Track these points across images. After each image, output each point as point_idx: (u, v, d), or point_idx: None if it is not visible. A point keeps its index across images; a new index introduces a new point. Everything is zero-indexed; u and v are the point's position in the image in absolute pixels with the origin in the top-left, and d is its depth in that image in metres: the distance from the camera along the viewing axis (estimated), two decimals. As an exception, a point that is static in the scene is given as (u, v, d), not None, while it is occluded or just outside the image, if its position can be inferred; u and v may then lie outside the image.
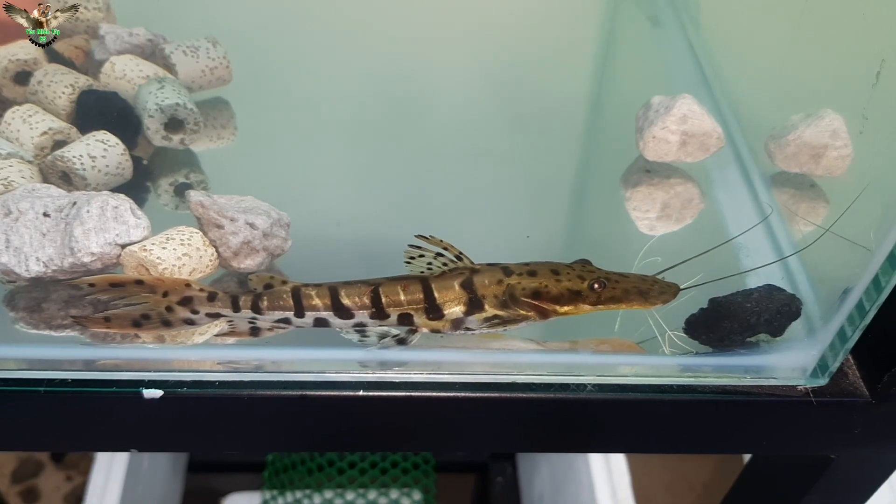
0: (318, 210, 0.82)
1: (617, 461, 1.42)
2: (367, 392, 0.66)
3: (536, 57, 1.04)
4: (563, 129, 0.96)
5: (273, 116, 0.91)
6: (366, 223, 0.81)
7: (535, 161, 0.91)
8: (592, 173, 0.91)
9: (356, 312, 0.64)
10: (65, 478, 1.86)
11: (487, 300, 0.65)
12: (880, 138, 0.69)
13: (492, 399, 0.67)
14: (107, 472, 1.43)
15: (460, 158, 0.91)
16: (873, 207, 0.67)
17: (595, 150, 0.94)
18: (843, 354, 0.66)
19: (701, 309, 0.67)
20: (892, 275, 0.59)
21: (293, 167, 0.88)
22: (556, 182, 0.89)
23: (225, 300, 0.64)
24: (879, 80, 0.63)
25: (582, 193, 0.89)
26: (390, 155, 0.91)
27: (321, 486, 1.65)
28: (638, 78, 1.02)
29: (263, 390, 0.65)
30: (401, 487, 1.68)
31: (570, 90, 1.01)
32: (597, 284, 0.65)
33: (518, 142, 0.94)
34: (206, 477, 1.78)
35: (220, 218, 0.67)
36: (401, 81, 0.98)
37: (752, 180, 0.82)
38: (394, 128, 0.93)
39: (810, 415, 0.68)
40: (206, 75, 0.85)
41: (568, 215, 0.86)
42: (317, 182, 0.87)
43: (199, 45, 0.85)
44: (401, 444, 0.72)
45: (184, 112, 0.79)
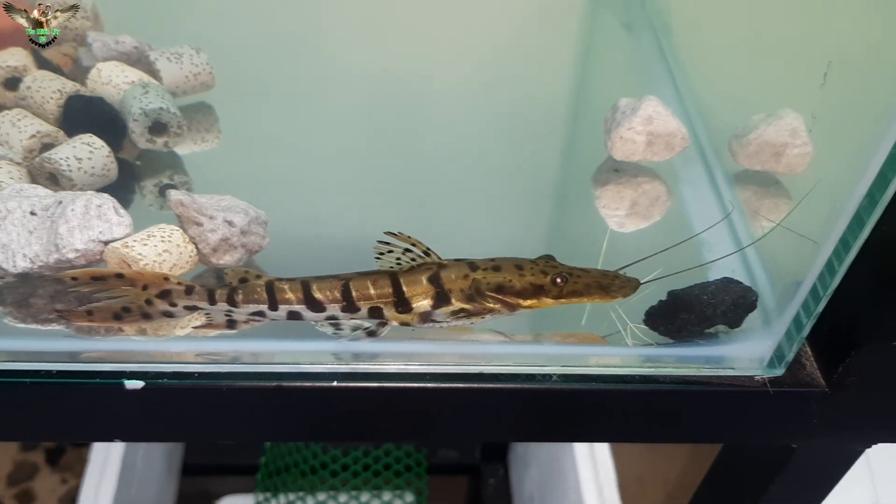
0: (297, 209, 0.84)
1: (603, 460, 1.44)
2: (341, 383, 0.68)
3: (515, 62, 1.07)
4: (538, 131, 0.99)
5: (256, 120, 0.94)
6: (344, 222, 0.84)
7: (510, 162, 0.94)
8: (565, 173, 0.94)
9: (328, 306, 0.67)
10: (60, 480, 1.87)
11: (454, 294, 0.68)
12: (827, 136, 0.72)
13: (460, 389, 0.69)
14: (100, 474, 1.44)
15: (438, 159, 0.94)
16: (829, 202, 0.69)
17: (568, 151, 0.97)
18: (798, 344, 0.68)
19: (660, 301, 0.69)
20: (844, 259, 0.61)
21: (275, 169, 0.90)
22: (530, 182, 0.92)
23: (202, 293, 0.67)
24: (826, 80, 0.66)
25: (554, 193, 0.92)
26: (371, 156, 0.93)
27: (314, 488, 1.67)
28: (611, 82, 1.05)
29: (241, 381, 0.68)
30: (393, 489, 1.70)
31: (547, 94, 1.04)
32: (559, 279, 0.67)
33: (495, 143, 0.97)
34: (200, 479, 1.80)
35: (199, 216, 0.70)
36: (382, 85, 1.01)
37: (716, 178, 0.84)
38: (374, 130, 0.96)
39: (769, 405, 0.70)
40: (190, 81, 0.88)
41: (540, 214, 0.89)
42: (298, 183, 0.89)
43: (183, 52, 0.88)
44: (374, 434, 0.75)
45: (167, 116, 0.82)
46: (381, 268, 0.68)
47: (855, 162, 0.60)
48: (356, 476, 1.70)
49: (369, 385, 0.68)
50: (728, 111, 0.89)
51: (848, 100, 0.68)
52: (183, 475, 1.77)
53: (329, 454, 1.71)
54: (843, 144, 0.69)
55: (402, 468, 1.71)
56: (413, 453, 1.73)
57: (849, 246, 0.60)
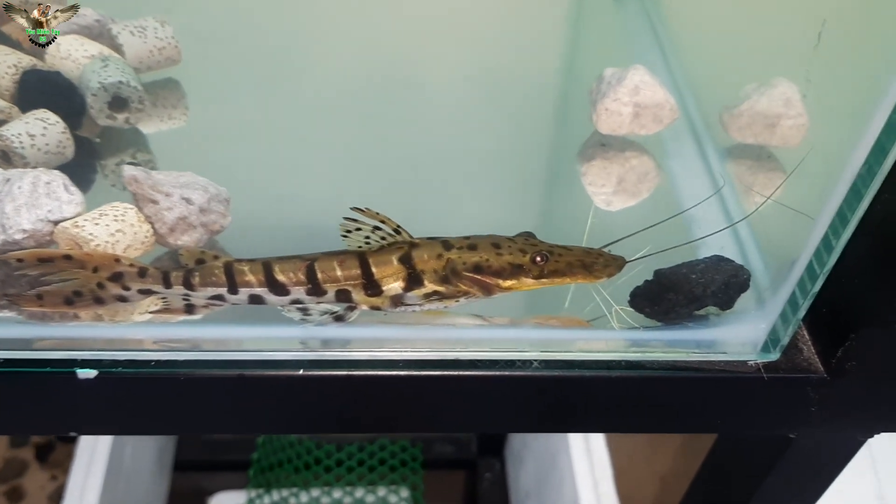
0: (266, 189, 0.80)
1: (599, 453, 1.41)
2: (308, 371, 0.64)
3: (501, 36, 1.03)
4: (525, 106, 0.94)
5: (225, 96, 0.90)
6: (316, 203, 0.80)
7: (494, 139, 0.89)
8: (552, 149, 0.90)
9: (291, 289, 0.63)
10: (49, 477, 1.86)
11: (427, 275, 0.63)
12: (824, 103, 0.67)
13: (435, 377, 0.65)
14: (86, 471, 1.42)
15: (420, 138, 0.90)
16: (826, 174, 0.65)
17: (556, 126, 0.93)
18: (794, 326, 0.64)
19: (646, 281, 0.65)
20: (841, 234, 0.57)
21: (245, 147, 0.86)
22: (515, 159, 0.88)
23: (156, 276, 0.62)
24: (821, 40, 0.61)
25: (540, 170, 0.87)
26: (346, 133, 0.89)
27: (308, 484, 1.65)
28: (600, 53, 1.00)
29: (201, 370, 0.64)
30: (388, 485, 1.68)
31: (534, 67, 0.99)
32: (539, 258, 0.63)
33: (480, 120, 0.92)
34: (192, 476, 1.78)
35: (155, 193, 0.66)
36: (360, 59, 0.96)
37: (707, 153, 0.80)
38: (351, 106, 0.91)
39: (763, 392, 0.66)
40: (155, 55, 0.84)
41: (524, 192, 0.84)
42: (269, 162, 0.85)
43: (147, 26, 0.84)
44: (342, 425, 0.71)
45: (127, 90, 0.77)
46: (348, 247, 0.64)
47: (852, 130, 0.56)
48: (350, 471, 1.67)
49: (338, 373, 0.64)
50: (719, 81, 0.84)
51: (845, 61, 0.63)
52: (175, 471, 1.75)
53: (323, 449, 1.68)
54: (841, 111, 0.65)
55: (397, 463, 1.68)
56: (408, 448, 1.71)
57: (846, 220, 0.56)
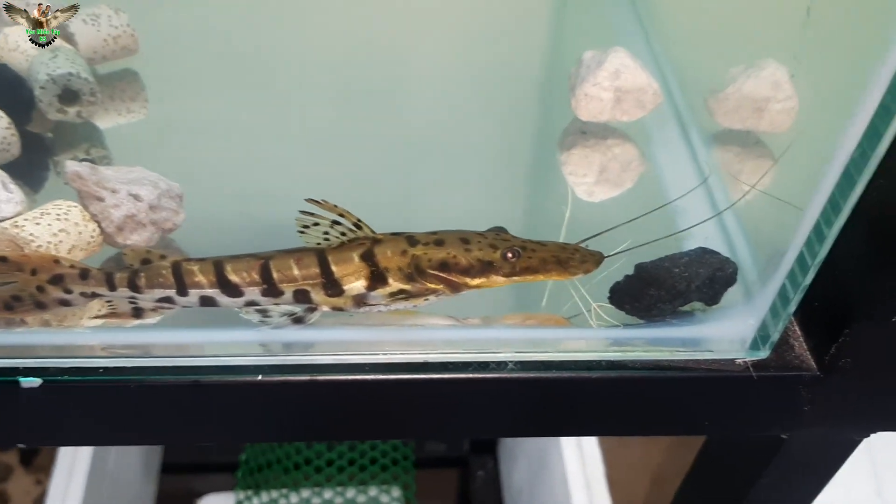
0: (227, 185, 0.76)
1: (591, 452, 1.38)
2: (268, 377, 0.60)
3: (482, 20, 0.98)
4: (506, 93, 0.90)
5: (188, 87, 0.85)
6: (279, 199, 0.75)
7: (472, 129, 0.85)
8: (532, 138, 0.85)
9: (245, 289, 0.59)
10: (34, 481, 1.83)
11: (391, 273, 0.59)
12: (813, 82, 0.63)
13: (403, 381, 0.61)
14: (68, 475, 1.38)
15: (394, 127, 0.85)
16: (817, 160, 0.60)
17: (537, 113, 0.88)
18: (785, 321, 0.60)
19: (626, 276, 0.61)
20: (834, 222, 0.53)
21: (208, 142, 0.82)
22: (493, 149, 0.83)
23: (99, 278, 0.58)
24: (810, 16, 0.57)
25: (519, 160, 0.83)
26: (315, 126, 0.85)
27: (297, 484, 1.61)
28: (582, 36, 0.95)
29: (153, 377, 0.60)
30: (380, 484, 1.64)
31: (517, 52, 0.95)
32: (510, 254, 0.59)
33: (460, 109, 0.88)
34: (181, 478, 1.74)
35: (100, 189, 0.61)
36: (331, 49, 0.92)
37: (692, 139, 0.76)
38: (320, 97, 0.87)
39: (753, 391, 0.63)
40: (110, 44, 0.80)
41: (502, 184, 0.80)
42: (233, 158, 0.81)
43: (101, 13, 0.79)
44: (305, 433, 0.67)
45: (78, 82, 0.73)
46: (306, 244, 0.59)
47: (844, 112, 0.51)
48: (341, 471, 1.63)
49: (300, 378, 0.60)
50: (704, 63, 0.80)
51: (836, 38, 0.59)
52: (163, 473, 1.71)
53: (313, 449, 1.64)
54: (832, 92, 0.60)
55: (388, 462, 1.64)
56: (400, 447, 1.67)
57: (839, 207, 0.52)
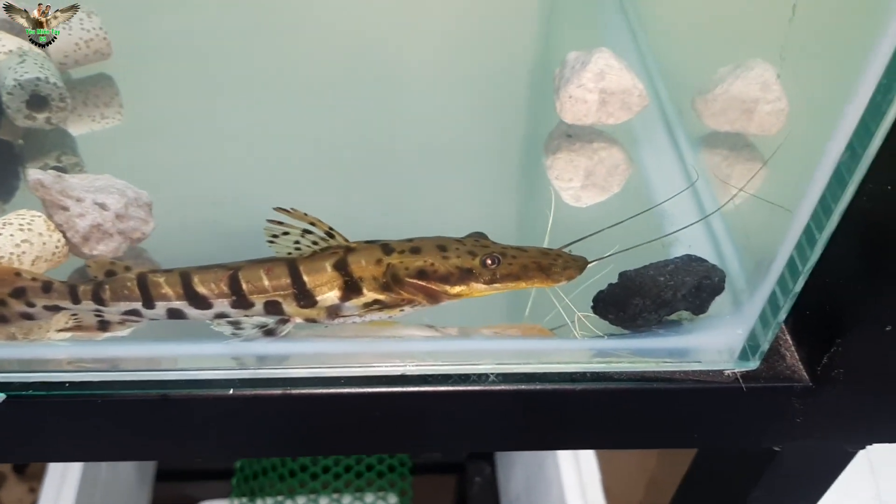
0: (202, 193, 0.74)
1: (587, 459, 1.36)
2: (239, 391, 0.58)
3: (468, 20, 0.96)
4: (491, 95, 0.87)
5: (163, 92, 0.83)
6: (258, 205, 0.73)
7: (459, 131, 0.83)
8: (517, 142, 0.83)
9: (214, 301, 0.57)
10: (27, 490, 1.81)
11: (366, 283, 0.57)
12: (801, 81, 0.61)
13: (381, 394, 0.59)
14: (59, 484, 1.37)
15: (377, 130, 0.83)
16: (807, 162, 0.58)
17: (522, 116, 0.86)
18: (775, 330, 0.58)
19: (610, 284, 0.59)
20: (825, 226, 0.51)
21: (185, 147, 0.80)
22: (478, 152, 0.81)
23: (62, 291, 0.56)
24: (796, 13, 0.55)
25: (505, 164, 0.81)
26: (297, 131, 0.82)
27: (293, 492, 1.59)
28: (568, 37, 0.93)
29: (120, 391, 0.58)
30: (376, 491, 1.62)
31: (503, 53, 0.93)
32: (489, 260, 0.57)
33: (445, 111, 0.86)
34: (175, 485, 1.72)
35: (64, 198, 0.59)
36: (313, 49, 0.90)
37: (680, 142, 0.74)
38: (302, 100, 0.85)
39: (742, 403, 0.61)
40: (82, 48, 0.78)
41: (485, 189, 0.78)
42: (211, 163, 0.79)
43: (72, 16, 0.77)
44: (279, 448, 0.65)
45: (47, 87, 0.71)
46: (276, 254, 0.57)
47: (834, 112, 0.49)
48: (337, 478, 1.61)
49: (273, 392, 0.58)
50: (691, 63, 0.78)
51: (824, 35, 0.57)
52: (157, 481, 1.69)
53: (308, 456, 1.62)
54: (821, 91, 0.58)
55: (384, 468, 1.62)
56: (396, 453, 1.65)
57: (830, 210, 0.50)
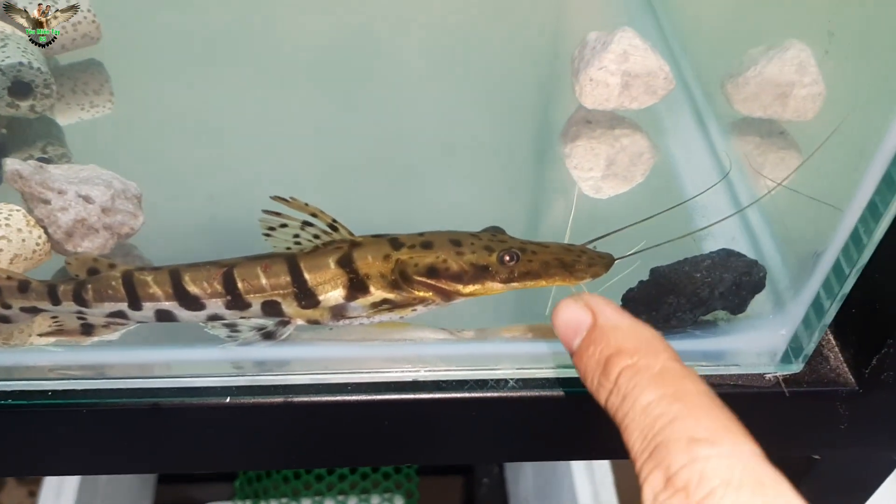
0: (201, 183, 0.69)
1: (600, 462, 1.32)
2: (237, 399, 0.54)
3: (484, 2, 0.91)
4: (506, 79, 0.82)
5: (156, 79, 0.78)
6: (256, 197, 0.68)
7: (472, 118, 0.78)
8: (535, 128, 0.78)
9: (207, 302, 0.52)
10: (27, 493, 1.79)
11: (373, 281, 0.52)
12: (846, 68, 0.56)
13: (391, 402, 0.55)
14: (58, 488, 1.35)
15: (381, 118, 0.78)
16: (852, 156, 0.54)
17: (539, 102, 0.81)
18: (820, 333, 0.54)
19: (640, 282, 0.54)
20: (874, 228, 0.47)
21: (179, 136, 0.75)
22: (493, 140, 0.76)
23: (40, 291, 0.51)
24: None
25: (521, 152, 0.76)
26: (294, 119, 0.78)
27: (297, 494, 1.57)
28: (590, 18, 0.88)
29: (107, 400, 0.54)
30: (382, 493, 1.60)
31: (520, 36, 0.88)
32: (507, 257, 0.52)
33: (456, 96, 0.81)
34: (177, 487, 1.70)
35: (45, 191, 0.55)
36: (312, 31, 0.85)
37: (709, 129, 0.69)
38: (301, 89, 0.80)
39: (784, 409, 0.57)
40: (69, 31, 0.73)
41: (502, 179, 0.73)
42: (205, 153, 0.74)
43: (58, -2, 0.72)
44: (279, 461, 0.60)
45: (30, 73, 0.66)
46: (274, 249, 0.52)
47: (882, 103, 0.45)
48: (342, 479, 1.59)
49: (273, 401, 0.55)
50: (721, 43, 0.73)
51: (874, 14, 0.52)
52: (159, 483, 1.66)
53: (314, 457, 1.58)
54: (868, 79, 0.53)
55: (391, 469, 1.59)
56: (403, 453, 1.61)
57: (878, 212, 0.47)
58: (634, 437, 0.34)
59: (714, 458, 0.32)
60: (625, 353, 0.37)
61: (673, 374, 0.36)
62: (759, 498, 0.30)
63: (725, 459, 0.32)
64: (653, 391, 0.35)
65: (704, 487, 0.31)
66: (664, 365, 0.36)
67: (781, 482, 0.32)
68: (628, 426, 0.35)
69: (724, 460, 0.32)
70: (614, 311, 0.39)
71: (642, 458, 0.34)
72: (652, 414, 0.34)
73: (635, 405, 0.35)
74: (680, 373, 0.36)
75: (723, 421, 0.34)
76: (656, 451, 0.33)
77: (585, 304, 0.39)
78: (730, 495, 0.31)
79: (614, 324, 0.38)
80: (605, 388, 0.37)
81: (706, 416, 0.34)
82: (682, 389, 0.35)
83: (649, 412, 0.34)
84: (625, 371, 0.36)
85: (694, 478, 0.31)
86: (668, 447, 0.33)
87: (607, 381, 0.37)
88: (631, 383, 0.35)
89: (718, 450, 0.32)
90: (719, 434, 0.33)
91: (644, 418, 0.34)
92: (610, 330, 0.38)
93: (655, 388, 0.35)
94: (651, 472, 0.33)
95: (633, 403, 0.35)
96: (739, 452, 0.32)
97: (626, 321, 0.38)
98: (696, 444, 0.32)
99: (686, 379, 0.35)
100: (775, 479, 0.32)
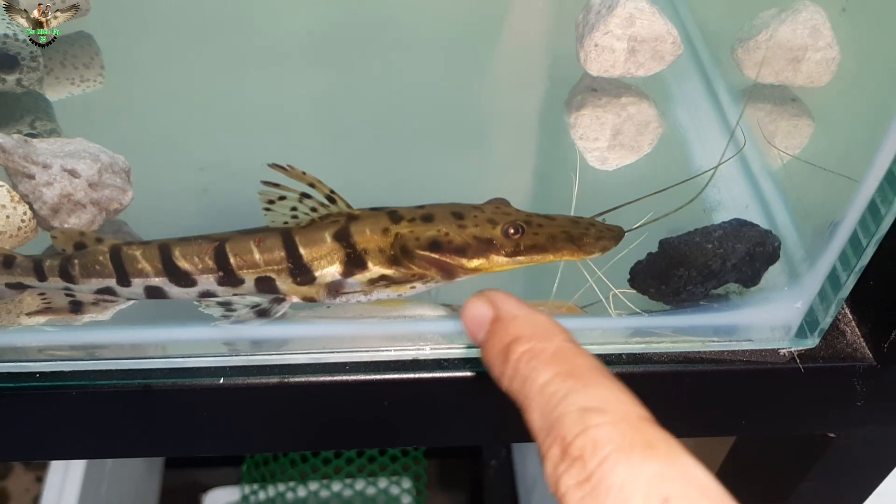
0: (196, 157, 0.67)
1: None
2: (230, 380, 0.52)
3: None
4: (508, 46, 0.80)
5: (148, 52, 0.76)
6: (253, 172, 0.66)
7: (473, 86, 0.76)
8: (539, 96, 0.75)
9: (198, 278, 0.50)
10: (34, 479, 1.80)
11: (371, 256, 0.50)
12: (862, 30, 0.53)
13: (391, 381, 0.53)
14: (64, 472, 1.35)
15: (383, 89, 0.76)
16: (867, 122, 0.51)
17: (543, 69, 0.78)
18: (837, 306, 0.52)
19: (649, 254, 0.52)
20: (892, 199, 0.46)
21: (173, 110, 0.73)
22: (494, 110, 0.74)
23: (25, 266, 0.50)
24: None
25: (523, 122, 0.74)
26: (294, 92, 0.75)
27: (305, 477, 1.57)
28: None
29: (96, 382, 0.52)
30: (390, 475, 1.60)
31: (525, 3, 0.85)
32: (512, 230, 0.50)
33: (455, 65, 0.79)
34: (185, 472, 1.71)
35: (29, 165, 0.52)
36: (306, 4, 0.82)
37: (718, 95, 0.66)
38: (296, 60, 0.78)
39: (799, 385, 0.55)
40: (56, 3, 0.70)
41: (504, 150, 0.71)
42: (200, 127, 0.72)
43: (44, -34, 0.70)
44: (275, 444, 0.58)
45: (16, 46, 0.64)
46: (272, 222, 0.50)
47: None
48: (350, 462, 1.59)
49: (268, 381, 0.53)
50: (730, 6, 0.70)
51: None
52: (167, 468, 1.65)
53: (321, 440, 1.57)
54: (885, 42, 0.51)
55: (398, 453, 1.58)
56: (411, 436, 1.60)
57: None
58: (535, 416, 0.36)
59: (605, 424, 0.33)
60: (522, 339, 0.39)
61: (566, 353, 0.37)
62: (651, 460, 0.32)
63: (616, 426, 0.33)
64: (548, 371, 0.36)
65: (598, 454, 0.32)
66: (558, 346, 0.38)
67: (670, 441, 0.33)
68: (528, 406, 0.36)
69: (615, 427, 0.33)
70: (513, 304, 0.41)
71: (541, 434, 0.35)
72: (548, 391, 0.36)
73: (533, 386, 0.36)
74: (572, 351, 0.37)
75: (613, 391, 0.35)
76: (553, 427, 0.34)
77: (488, 299, 0.41)
78: (622, 460, 0.32)
79: (513, 314, 0.40)
80: (506, 374, 0.38)
81: (597, 386, 0.35)
82: (575, 365, 0.36)
83: (545, 390, 0.36)
84: (523, 356, 0.38)
85: (588, 446, 0.33)
86: (563, 420, 0.34)
87: (507, 367, 0.38)
88: (528, 366, 0.37)
89: (608, 416, 0.33)
90: (609, 402, 0.34)
91: (541, 397, 0.36)
92: (509, 320, 0.40)
93: (550, 367, 0.36)
94: (550, 446, 0.34)
95: (531, 385, 0.37)
96: (628, 417, 0.34)
97: (524, 311, 0.40)
98: (587, 414, 0.34)
99: (578, 357, 0.37)
100: (665, 439, 0.33)
